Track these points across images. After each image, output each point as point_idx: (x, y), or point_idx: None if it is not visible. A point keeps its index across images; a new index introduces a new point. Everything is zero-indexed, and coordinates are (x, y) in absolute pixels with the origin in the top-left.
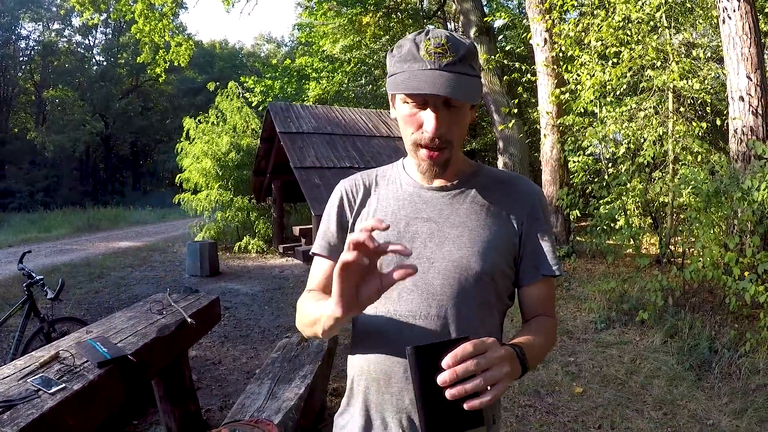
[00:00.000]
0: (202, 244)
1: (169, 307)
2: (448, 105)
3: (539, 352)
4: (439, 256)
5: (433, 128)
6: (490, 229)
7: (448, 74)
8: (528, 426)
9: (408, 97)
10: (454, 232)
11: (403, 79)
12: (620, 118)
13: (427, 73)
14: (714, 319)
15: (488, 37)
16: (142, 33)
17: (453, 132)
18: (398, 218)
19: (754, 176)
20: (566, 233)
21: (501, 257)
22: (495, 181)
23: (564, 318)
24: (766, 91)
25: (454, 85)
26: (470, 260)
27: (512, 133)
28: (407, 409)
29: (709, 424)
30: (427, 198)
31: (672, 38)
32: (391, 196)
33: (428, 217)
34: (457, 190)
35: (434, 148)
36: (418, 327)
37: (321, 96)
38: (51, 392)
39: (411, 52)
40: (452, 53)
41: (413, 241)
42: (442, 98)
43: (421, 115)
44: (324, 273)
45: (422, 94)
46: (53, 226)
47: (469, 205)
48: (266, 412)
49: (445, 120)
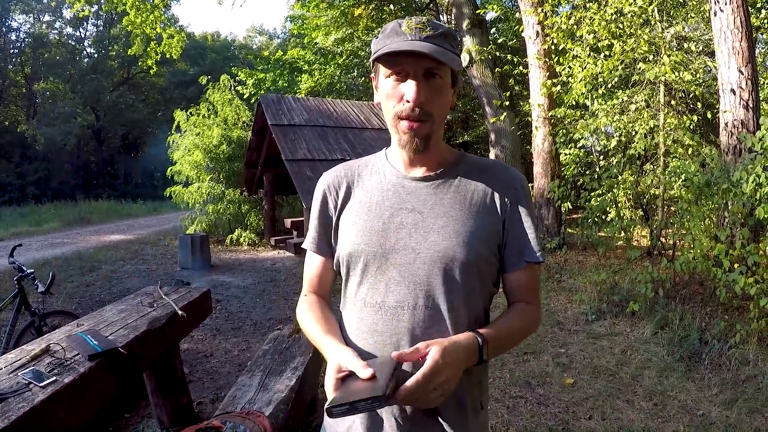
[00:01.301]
0: (193, 237)
1: (160, 299)
2: (428, 77)
3: (508, 342)
4: (425, 246)
5: (414, 96)
6: (474, 218)
7: (428, 43)
8: (519, 417)
9: (390, 70)
10: (439, 223)
11: (383, 47)
12: (612, 111)
13: (408, 42)
14: (704, 310)
15: (480, 29)
16: (133, 25)
17: (433, 104)
18: (383, 209)
19: (745, 168)
20: (557, 225)
21: (485, 246)
22: (477, 169)
23: (555, 309)
24: (756, 85)
25: (433, 49)
26: (455, 250)
27: (504, 126)
28: None
29: (699, 415)
30: (411, 188)
31: (664, 32)
32: (375, 187)
33: (413, 207)
34: (441, 179)
35: (415, 118)
36: (406, 317)
37: (313, 88)
38: (42, 385)
39: (394, 29)
40: (431, 29)
41: (398, 231)
42: (422, 69)
43: (402, 87)
44: (315, 267)
45: (403, 51)
46: (44, 219)
47: (452, 194)
48: (257, 403)
49: (425, 91)
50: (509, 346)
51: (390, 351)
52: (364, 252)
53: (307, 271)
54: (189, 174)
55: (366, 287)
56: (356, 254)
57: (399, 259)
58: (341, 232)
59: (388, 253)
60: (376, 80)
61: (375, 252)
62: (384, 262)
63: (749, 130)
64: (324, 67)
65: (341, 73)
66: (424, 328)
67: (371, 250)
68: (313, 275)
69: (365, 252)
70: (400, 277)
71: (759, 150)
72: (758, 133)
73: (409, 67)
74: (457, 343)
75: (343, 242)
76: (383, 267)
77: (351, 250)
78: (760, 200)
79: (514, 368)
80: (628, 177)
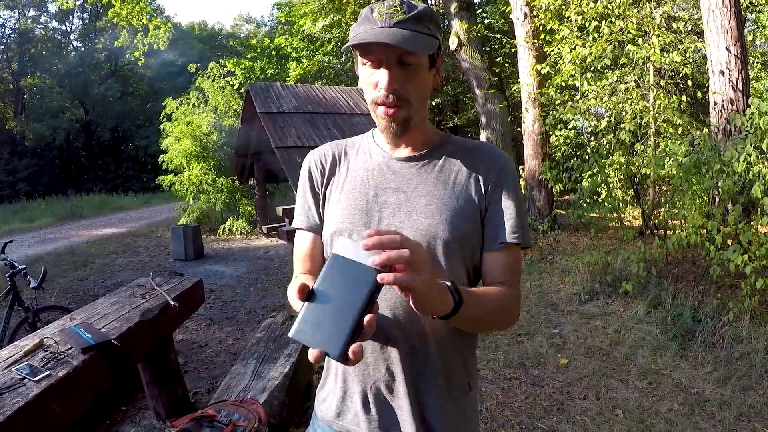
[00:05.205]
0: (185, 227)
1: (152, 290)
2: (402, 64)
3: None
4: (408, 225)
5: (386, 84)
6: (458, 196)
7: (396, 29)
8: (514, 398)
9: (364, 59)
10: (422, 201)
11: (353, 37)
12: (602, 92)
13: (376, 30)
14: (697, 289)
15: (468, 12)
16: (119, 17)
17: (408, 89)
18: (367, 188)
19: (735, 147)
20: (549, 207)
21: (468, 224)
22: (462, 150)
23: (548, 291)
24: (746, 64)
25: (400, 37)
26: (438, 228)
27: (494, 108)
28: (384, 377)
29: (693, 393)
30: (395, 168)
31: (653, 11)
32: (360, 166)
33: (396, 187)
34: (425, 160)
35: (390, 105)
36: (389, 296)
37: (302, 76)
38: (36, 380)
39: (366, 15)
40: (402, 13)
41: (382, 210)
42: (394, 56)
43: (376, 74)
44: (305, 247)
45: (367, 43)
46: (36, 215)
47: (436, 174)
48: (252, 391)
49: (398, 77)
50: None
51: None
52: (348, 230)
53: (297, 252)
54: (179, 162)
55: None
56: (340, 233)
57: None
58: (326, 211)
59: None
60: (355, 65)
61: (359, 230)
62: None
63: (738, 110)
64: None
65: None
66: (405, 305)
67: (355, 228)
68: (304, 255)
69: (349, 230)
70: None
71: (750, 129)
72: (747, 111)
73: (381, 55)
74: None
75: (327, 221)
76: None
77: (335, 229)
78: (753, 179)
79: (508, 350)
80: (619, 157)
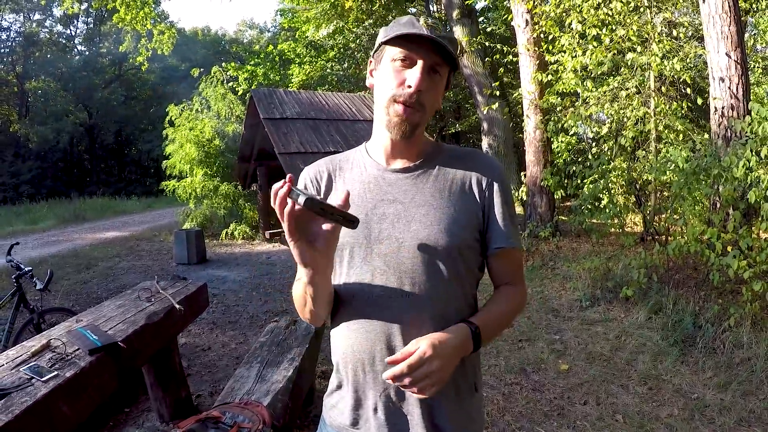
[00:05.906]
0: (188, 232)
1: (157, 294)
2: (432, 73)
3: (499, 326)
4: (408, 235)
5: (417, 83)
6: (454, 205)
7: (440, 39)
8: (515, 403)
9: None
10: (420, 212)
11: (403, 30)
12: (603, 98)
13: (423, 33)
14: (698, 294)
15: (470, 19)
16: (123, 22)
17: (429, 97)
18: (365, 201)
19: (735, 153)
20: (551, 213)
21: (466, 231)
22: (455, 158)
23: (549, 296)
24: (746, 69)
25: (446, 44)
26: (437, 237)
27: (496, 115)
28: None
29: (693, 398)
30: (391, 180)
31: (653, 18)
32: (356, 180)
33: (394, 198)
34: (420, 170)
35: (411, 105)
36: (395, 305)
37: (305, 81)
38: (44, 380)
39: (410, 21)
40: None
41: (381, 222)
42: (430, 61)
43: (406, 73)
44: None
45: (422, 36)
46: (39, 218)
47: (432, 183)
48: (255, 394)
49: (427, 82)
50: (501, 330)
51: (381, 339)
52: (349, 243)
53: None
54: (182, 168)
55: (353, 278)
56: (341, 246)
57: (383, 249)
58: None
59: (372, 244)
60: (376, 64)
61: (360, 243)
62: (369, 253)
63: (739, 116)
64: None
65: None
66: (412, 315)
67: (355, 241)
68: None
69: (349, 243)
70: (386, 266)
71: (749, 134)
72: (747, 118)
73: (420, 56)
74: (448, 335)
75: None
76: (368, 257)
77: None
78: (751, 184)
79: (509, 355)
80: (621, 163)
